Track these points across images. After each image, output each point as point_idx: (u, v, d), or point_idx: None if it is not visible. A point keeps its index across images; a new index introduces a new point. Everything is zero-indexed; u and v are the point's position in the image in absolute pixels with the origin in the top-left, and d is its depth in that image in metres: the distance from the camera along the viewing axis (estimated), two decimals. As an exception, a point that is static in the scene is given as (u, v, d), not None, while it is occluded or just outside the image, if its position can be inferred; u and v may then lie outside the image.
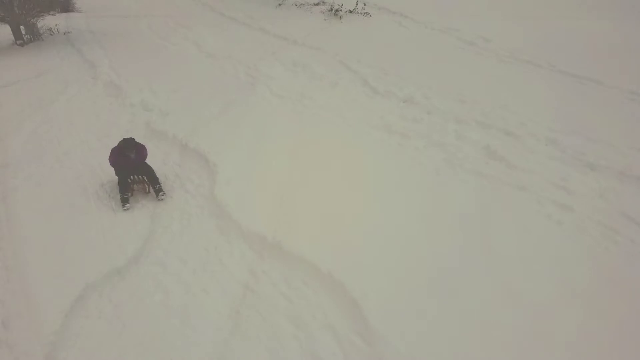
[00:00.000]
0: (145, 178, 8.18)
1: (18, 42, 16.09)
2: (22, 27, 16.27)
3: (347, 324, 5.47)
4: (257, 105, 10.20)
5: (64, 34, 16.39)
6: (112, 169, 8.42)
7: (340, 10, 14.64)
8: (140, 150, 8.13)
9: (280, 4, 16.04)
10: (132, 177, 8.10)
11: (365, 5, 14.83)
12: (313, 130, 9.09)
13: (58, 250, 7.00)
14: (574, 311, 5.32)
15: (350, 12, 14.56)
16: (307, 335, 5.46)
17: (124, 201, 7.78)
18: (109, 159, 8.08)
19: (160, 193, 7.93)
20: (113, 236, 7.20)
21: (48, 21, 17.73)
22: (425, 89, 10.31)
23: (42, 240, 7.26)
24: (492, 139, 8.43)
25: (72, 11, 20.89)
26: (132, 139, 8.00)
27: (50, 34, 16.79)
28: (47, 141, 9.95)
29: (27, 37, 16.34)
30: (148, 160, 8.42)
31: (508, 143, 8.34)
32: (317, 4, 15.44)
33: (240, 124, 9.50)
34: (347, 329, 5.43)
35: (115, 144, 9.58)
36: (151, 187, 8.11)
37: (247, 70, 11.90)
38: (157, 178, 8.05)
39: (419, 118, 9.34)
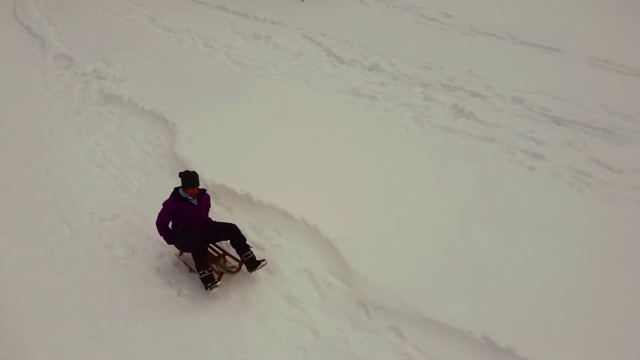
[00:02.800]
0: (221, 249, 5.50)
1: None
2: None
3: (323, 267, 5.21)
4: (217, 71, 9.80)
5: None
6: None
7: (301, -10, 14.43)
8: (203, 195, 5.38)
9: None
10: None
11: (325, -15, 14.66)
12: (277, 93, 8.79)
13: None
14: (553, 247, 5.23)
15: (311, -9, 14.38)
16: (281, 279, 5.15)
17: (209, 281, 4.92)
18: (156, 222, 5.16)
19: (261, 263, 5.07)
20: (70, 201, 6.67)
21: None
22: (390, 57, 10.18)
23: None
24: (460, 100, 8.36)
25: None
26: (195, 173, 5.22)
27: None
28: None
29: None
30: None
31: (475, 103, 8.28)
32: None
33: (200, 88, 9.07)
34: (323, 271, 5.17)
35: (70, 112, 8.84)
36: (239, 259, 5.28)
37: (205, 42, 11.46)
38: (245, 239, 5.23)
39: (386, 82, 9.21)
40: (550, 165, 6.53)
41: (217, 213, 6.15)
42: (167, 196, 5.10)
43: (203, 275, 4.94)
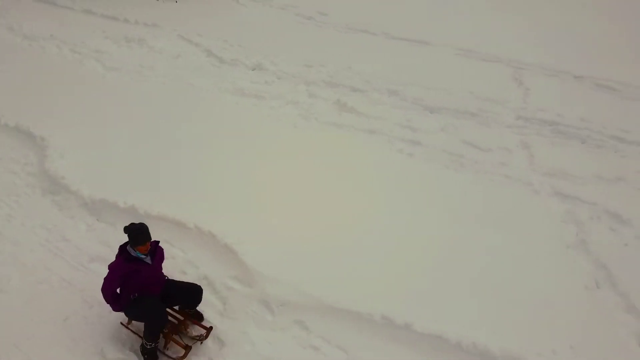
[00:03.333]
0: (178, 312, 4.67)
1: None
2: None
3: (222, 272, 5.13)
4: (88, 79, 9.13)
5: None
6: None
7: (174, -10, 13.95)
8: (157, 250, 4.50)
9: (105, -13, 14.69)
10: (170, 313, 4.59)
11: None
12: (158, 96, 8.42)
13: None
14: (437, 222, 5.72)
15: (184, -9, 13.97)
16: (178, 291, 4.95)
17: (153, 355, 4.36)
18: (103, 289, 4.28)
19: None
20: None
21: None
22: (272, 57, 10.22)
23: None
24: (341, 96, 8.65)
25: None
26: (144, 225, 4.28)
27: None
28: None
29: None
30: None
31: (356, 98, 8.61)
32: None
33: (70, 98, 8.37)
34: (223, 276, 5.09)
35: None
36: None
37: (72, 48, 10.61)
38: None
39: (270, 81, 9.25)
40: (427, 150, 7.03)
41: (100, 230, 5.79)
42: (46, 218, 4.62)
43: (150, 347, 4.28)
